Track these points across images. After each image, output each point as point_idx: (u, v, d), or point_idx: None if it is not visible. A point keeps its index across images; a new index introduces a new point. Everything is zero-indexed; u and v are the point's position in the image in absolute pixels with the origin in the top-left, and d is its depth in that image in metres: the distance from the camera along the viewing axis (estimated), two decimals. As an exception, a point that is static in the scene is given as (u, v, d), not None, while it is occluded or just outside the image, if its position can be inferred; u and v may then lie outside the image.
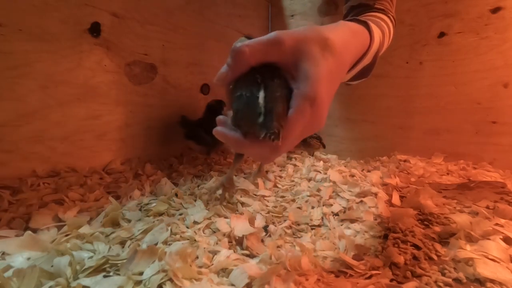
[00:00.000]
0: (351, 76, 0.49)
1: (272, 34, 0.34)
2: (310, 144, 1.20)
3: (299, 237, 0.51)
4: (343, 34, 0.38)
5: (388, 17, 0.63)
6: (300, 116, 0.31)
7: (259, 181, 0.76)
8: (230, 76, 0.33)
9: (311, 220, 0.57)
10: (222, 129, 0.33)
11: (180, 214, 0.55)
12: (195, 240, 0.46)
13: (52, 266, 0.37)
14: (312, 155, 1.19)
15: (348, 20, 0.46)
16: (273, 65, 0.33)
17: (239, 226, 0.48)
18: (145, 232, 0.47)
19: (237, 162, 0.37)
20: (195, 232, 0.48)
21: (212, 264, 0.40)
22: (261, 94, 0.30)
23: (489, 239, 0.46)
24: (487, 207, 0.60)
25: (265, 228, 0.48)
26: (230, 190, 0.38)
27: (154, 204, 0.58)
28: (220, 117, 0.34)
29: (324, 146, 1.19)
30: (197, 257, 0.41)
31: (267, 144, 0.29)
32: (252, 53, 0.33)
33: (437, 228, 0.51)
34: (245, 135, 0.31)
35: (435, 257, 0.44)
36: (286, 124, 0.29)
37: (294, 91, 0.32)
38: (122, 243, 0.45)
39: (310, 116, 0.31)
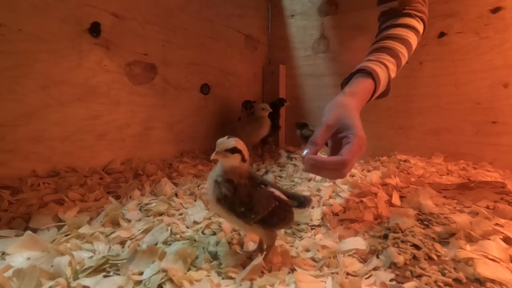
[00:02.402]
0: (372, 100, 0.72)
1: (324, 123, 0.56)
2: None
3: (299, 237, 0.51)
4: (358, 97, 0.64)
5: (417, 20, 0.78)
6: (358, 149, 0.51)
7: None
8: (314, 151, 0.53)
9: (311, 220, 0.57)
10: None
11: (180, 214, 0.55)
12: (195, 240, 0.46)
13: (52, 266, 0.37)
14: None
15: (361, 71, 0.68)
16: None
17: None
18: (145, 232, 0.47)
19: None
20: (195, 232, 0.48)
21: (212, 264, 0.40)
22: None
23: (489, 239, 0.46)
24: (487, 207, 0.60)
25: None
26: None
27: (154, 204, 0.58)
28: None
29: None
30: (197, 257, 0.41)
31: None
32: (322, 137, 0.55)
33: (437, 228, 0.51)
34: None
35: (435, 257, 0.44)
36: (351, 155, 0.49)
37: (348, 135, 0.53)
38: (122, 243, 0.45)
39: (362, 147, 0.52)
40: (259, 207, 0.39)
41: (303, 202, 0.43)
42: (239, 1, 1.23)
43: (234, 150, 0.40)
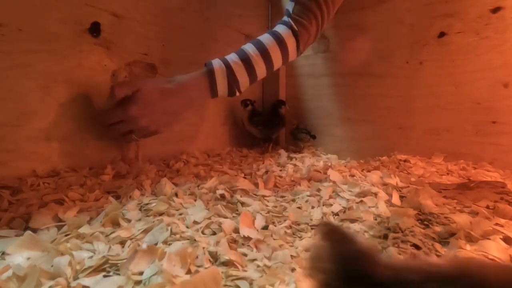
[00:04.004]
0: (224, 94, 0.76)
1: (133, 83, 0.68)
2: (300, 138, 1.22)
3: (299, 237, 0.51)
4: (181, 91, 0.69)
5: (290, 33, 0.75)
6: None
7: (259, 180, 0.76)
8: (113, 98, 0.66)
9: (311, 220, 0.57)
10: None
11: (180, 214, 0.55)
12: (195, 240, 0.46)
13: (52, 266, 0.37)
14: (301, 150, 1.22)
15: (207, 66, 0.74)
16: None
17: (244, 229, 0.48)
18: (145, 232, 0.47)
19: None
20: (195, 232, 0.48)
21: (212, 264, 0.40)
22: None
23: (489, 239, 0.46)
24: (487, 207, 0.60)
25: None
26: None
27: (154, 204, 0.58)
28: None
29: (314, 137, 1.21)
30: (197, 257, 0.41)
31: None
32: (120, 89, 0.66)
33: (437, 228, 0.51)
34: None
35: (435, 257, 0.44)
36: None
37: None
38: (122, 243, 0.45)
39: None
40: None
41: None
42: (239, 1, 1.22)
43: None
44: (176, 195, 0.64)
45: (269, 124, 1.20)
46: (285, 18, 0.76)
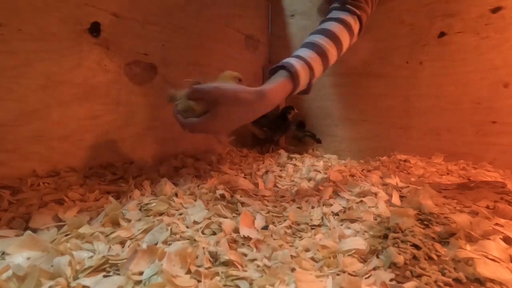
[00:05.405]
0: (296, 92, 0.69)
1: (215, 85, 0.60)
2: (304, 141, 1.23)
3: (299, 237, 0.51)
4: (269, 97, 0.61)
5: (354, 18, 0.74)
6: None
7: (259, 180, 0.76)
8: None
9: (311, 220, 0.57)
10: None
11: (180, 214, 0.55)
12: (195, 240, 0.46)
13: (52, 266, 0.37)
14: (306, 152, 1.22)
15: (285, 68, 0.67)
16: None
17: (244, 229, 0.48)
18: (145, 232, 0.47)
19: None
20: (195, 232, 0.48)
21: (213, 264, 0.40)
22: None
23: (489, 239, 0.46)
24: (487, 207, 0.60)
25: None
26: None
27: (154, 204, 0.58)
28: None
29: (319, 141, 1.22)
30: (197, 257, 0.41)
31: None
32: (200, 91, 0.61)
33: (437, 228, 0.51)
34: None
35: (435, 257, 0.44)
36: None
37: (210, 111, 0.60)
38: (122, 243, 0.45)
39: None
40: None
41: None
42: (239, 1, 1.22)
43: None
44: (176, 195, 0.64)
45: (275, 127, 1.20)
46: (336, 5, 0.74)
